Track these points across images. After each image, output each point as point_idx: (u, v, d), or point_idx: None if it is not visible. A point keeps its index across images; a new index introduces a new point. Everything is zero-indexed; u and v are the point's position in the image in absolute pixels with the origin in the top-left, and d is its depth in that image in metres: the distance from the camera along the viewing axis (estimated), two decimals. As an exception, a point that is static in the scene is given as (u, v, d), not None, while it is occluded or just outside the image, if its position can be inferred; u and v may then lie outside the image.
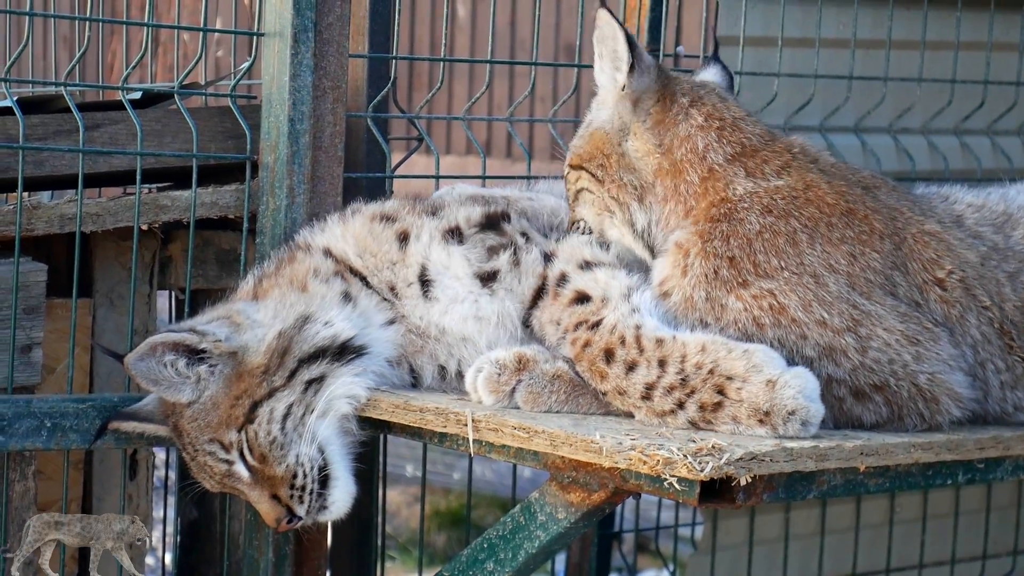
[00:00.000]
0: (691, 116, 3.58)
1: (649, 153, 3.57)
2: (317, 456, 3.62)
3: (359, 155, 4.35)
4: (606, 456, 3.22)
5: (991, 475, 3.61)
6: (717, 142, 3.55)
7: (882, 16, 4.80)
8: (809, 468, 3.26)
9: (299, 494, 3.62)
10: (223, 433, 3.61)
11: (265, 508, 3.65)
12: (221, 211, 4.09)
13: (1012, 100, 5.05)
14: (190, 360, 3.60)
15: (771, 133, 3.65)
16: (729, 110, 3.62)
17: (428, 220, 3.74)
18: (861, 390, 3.42)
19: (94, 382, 4.18)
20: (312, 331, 3.64)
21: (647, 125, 3.58)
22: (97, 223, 3.95)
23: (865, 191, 3.59)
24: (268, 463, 3.61)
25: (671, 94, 3.60)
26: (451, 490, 7.80)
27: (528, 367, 3.49)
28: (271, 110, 4.01)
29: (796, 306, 3.40)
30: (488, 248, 3.70)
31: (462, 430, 3.47)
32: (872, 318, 3.42)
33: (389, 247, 3.72)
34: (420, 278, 3.69)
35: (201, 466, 3.67)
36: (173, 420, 3.67)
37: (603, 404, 3.46)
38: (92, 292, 4.17)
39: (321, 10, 3.99)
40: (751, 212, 3.46)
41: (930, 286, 3.53)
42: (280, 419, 3.60)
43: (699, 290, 3.46)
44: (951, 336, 3.50)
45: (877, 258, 3.48)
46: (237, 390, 3.61)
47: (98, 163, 4.01)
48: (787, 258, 3.43)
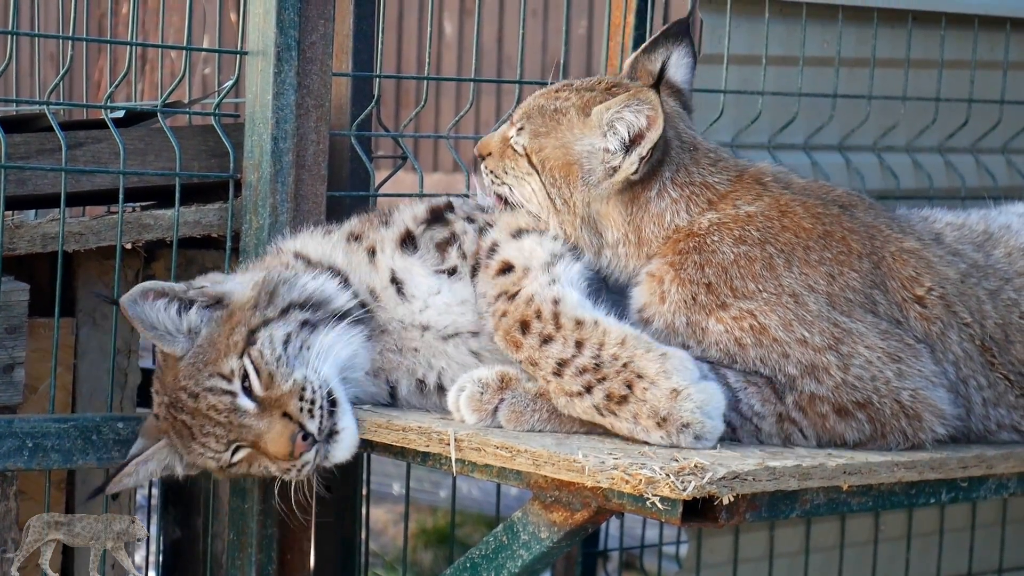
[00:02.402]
0: (666, 193, 3.56)
1: (615, 224, 3.57)
2: (323, 381, 3.57)
3: (343, 173, 4.35)
4: (588, 475, 3.21)
5: (974, 494, 3.61)
6: (686, 209, 3.56)
7: (866, 34, 4.81)
8: (792, 487, 3.25)
9: (309, 407, 3.52)
10: (223, 364, 3.54)
11: (277, 431, 3.52)
12: (204, 230, 4.08)
13: (996, 118, 5.06)
14: (180, 309, 3.58)
15: (738, 169, 3.63)
16: (698, 169, 3.59)
17: (384, 231, 3.76)
18: (844, 407, 3.42)
19: (76, 401, 4.17)
20: (300, 282, 3.66)
21: (623, 198, 3.56)
22: (80, 242, 3.94)
23: (842, 210, 3.59)
24: (275, 383, 3.53)
25: (657, 169, 3.57)
26: (437, 508, 7.79)
27: (511, 386, 3.48)
28: (254, 129, 4.01)
29: (777, 325, 3.41)
30: (437, 246, 3.71)
31: (445, 449, 3.46)
32: (853, 336, 3.42)
33: (365, 263, 3.74)
34: (392, 281, 3.71)
35: (203, 423, 3.55)
36: (168, 397, 3.57)
37: (586, 423, 3.45)
38: (75, 311, 4.17)
39: (304, 29, 3.99)
40: (723, 243, 3.47)
41: (910, 303, 3.53)
42: (281, 343, 3.56)
43: (679, 316, 3.47)
44: (932, 353, 3.51)
45: (856, 277, 3.49)
46: (232, 323, 3.58)
47: (81, 182, 4.00)
48: (764, 282, 3.44)
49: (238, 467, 3.60)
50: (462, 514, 7.46)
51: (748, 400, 3.43)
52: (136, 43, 4.11)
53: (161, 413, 3.62)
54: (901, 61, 4.90)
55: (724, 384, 3.43)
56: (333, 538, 4.31)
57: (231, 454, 3.58)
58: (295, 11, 3.96)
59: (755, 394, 3.44)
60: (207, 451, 3.58)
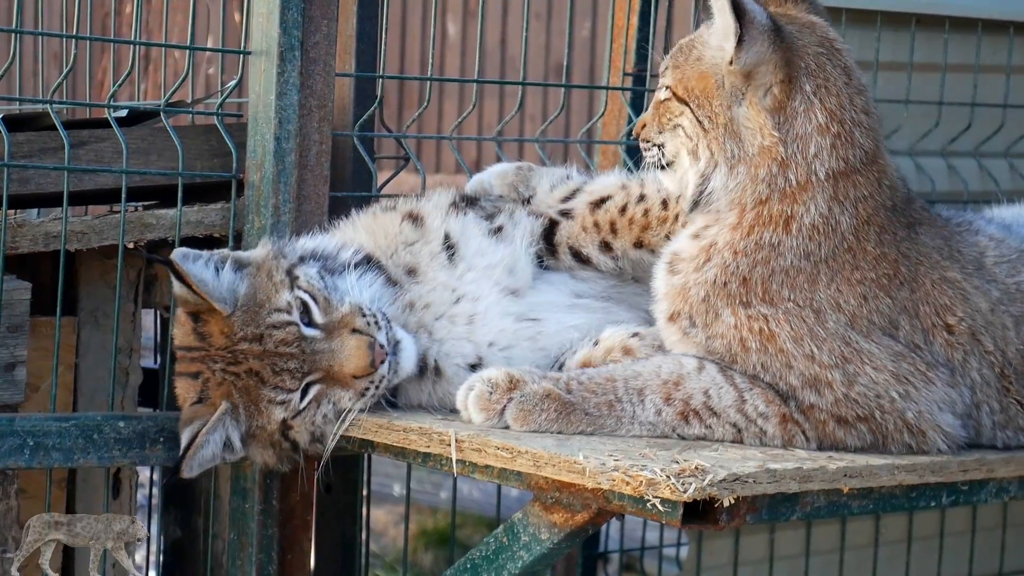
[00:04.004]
0: (812, 112, 3.42)
1: (762, 131, 3.43)
2: (370, 301, 3.67)
3: (345, 174, 4.35)
4: (589, 477, 3.21)
5: (975, 497, 3.61)
6: (828, 152, 3.43)
7: (869, 38, 4.81)
8: (792, 489, 3.26)
9: (373, 320, 3.62)
10: (277, 300, 3.62)
11: (353, 344, 3.59)
12: (207, 229, 4.08)
13: (999, 122, 5.06)
14: (216, 269, 3.65)
15: (876, 148, 3.51)
16: (852, 105, 3.46)
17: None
18: (844, 419, 3.43)
19: (78, 400, 4.17)
20: (300, 241, 3.83)
21: (765, 104, 3.43)
22: (82, 241, 3.94)
23: (908, 230, 3.54)
24: (332, 306, 3.63)
25: (793, 72, 3.42)
26: (438, 509, 7.79)
27: (519, 386, 3.49)
28: (257, 128, 4.01)
29: (786, 337, 3.41)
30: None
31: (445, 450, 3.47)
32: (863, 356, 3.42)
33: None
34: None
35: (274, 360, 3.59)
36: (223, 359, 3.62)
37: (593, 421, 3.46)
38: (77, 310, 4.17)
39: (307, 29, 3.99)
40: (794, 252, 3.42)
41: (939, 330, 3.52)
42: (318, 277, 3.67)
43: (701, 289, 3.46)
44: (951, 376, 3.51)
45: (888, 303, 3.48)
46: (265, 271, 3.67)
47: (84, 181, 4.00)
48: (799, 292, 3.42)
49: (305, 414, 3.62)
50: (463, 515, 7.46)
51: (754, 401, 3.43)
52: (140, 42, 4.12)
53: (215, 381, 3.64)
54: (904, 65, 4.90)
55: (731, 384, 3.44)
56: (333, 538, 4.31)
57: (301, 395, 3.61)
58: (298, 11, 3.96)
59: (760, 395, 3.44)
60: (279, 393, 3.61)
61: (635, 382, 3.49)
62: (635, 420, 3.47)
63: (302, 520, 4.08)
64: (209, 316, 3.64)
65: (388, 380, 3.64)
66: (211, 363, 3.64)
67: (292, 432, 3.64)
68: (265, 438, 3.65)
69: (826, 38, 3.52)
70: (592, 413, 3.47)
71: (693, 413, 3.46)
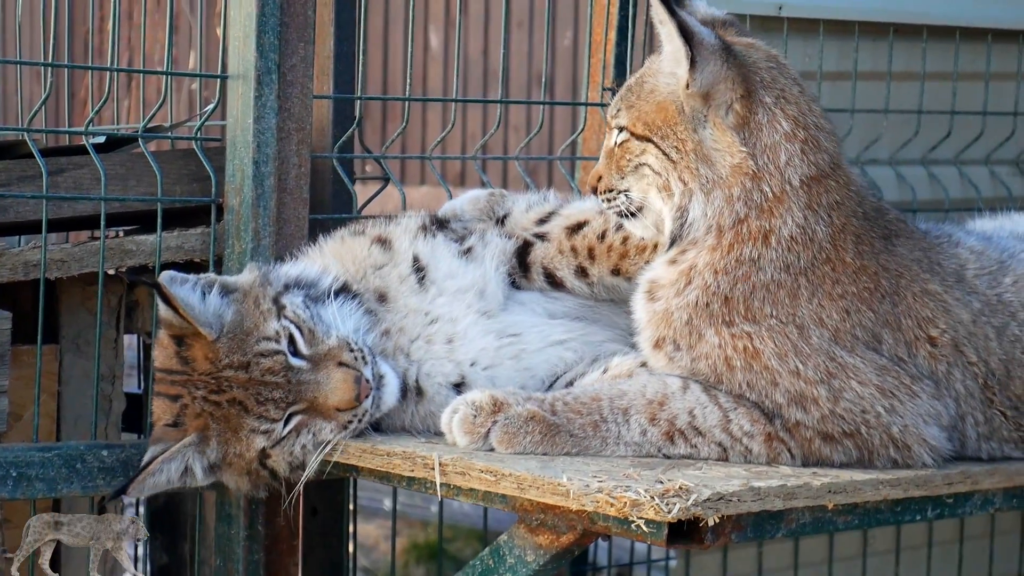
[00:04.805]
0: (777, 122, 3.44)
1: (730, 148, 3.42)
2: (355, 334, 3.68)
3: (325, 196, 4.34)
4: (573, 499, 3.21)
5: (960, 510, 3.61)
6: (800, 158, 3.44)
7: (848, 48, 4.81)
8: (777, 507, 3.26)
9: (360, 355, 3.62)
10: (265, 328, 3.61)
11: (339, 378, 3.59)
12: (187, 255, 4.07)
13: (979, 130, 5.06)
14: (203, 293, 3.65)
15: (838, 155, 3.52)
16: (812, 111, 3.48)
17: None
18: (830, 435, 3.43)
19: (61, 429, 4.16)
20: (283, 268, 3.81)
21: (728, 122, 3.44)
22: (62, 269, 3.93)
23: (885, 242, 3.54)
24: (317, 338, 3.63)
25: (751, 86, 3.44)
26: (429, 523, 7.78)
27: (503, 409, 3.48)
28: (235, 153, 4.00)
29: (771, 354, 3.40)
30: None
31: (429, 474, 3.46)
32: (848, 371, 3.42)
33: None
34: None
35: (259, 390, 3.58)
36: (207, 385, 3.59)
37: (579, 442, 3.46)
38: (59, 338, 4.16)
39: (284, 52, 3.99)
40: (773, 264, 3.42)
41: (922, 342, 3.52)
42: (303, 307, 3.66)
43: (684, 313, 3.46)
44: (936, 388, 3.50)
45: (871, 316, 3.47)
46: (252, 298, 3.66)
47: (63, 208, 3.99)
48: (781, 308, 3.42)
49: (285, 443, 3.60)
50: (454, 529, 7.45)
51: (739, 420, 3.43)
52: (117, 69, 4.10)
53: (193, 410, 3.61)
54: (883, 73, 4.91)
55: (716, 404, 3.44)
56: (320, 561, 4.31)
57: (284, 424, 3.60)
58: (275, 35, 3.96)
59: (745, 414, 3.44)
60: (263, 423, 3.59)
61: (620, 402, 3.49)
62: (620, 440, 3.47)
63: (288, 544, 4.07)
64: (194, 340, 3.63)
65: (371, 414, 3.64)
66: (192, 388, 3.62)
67: (270, 461, 3.63)
68: (242, 466, 3.64)
69: (770, 54, 3.55)
70: (577, 434, 3.47)
71: (678, 433, 3.46)
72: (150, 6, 8.60)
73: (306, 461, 3.62)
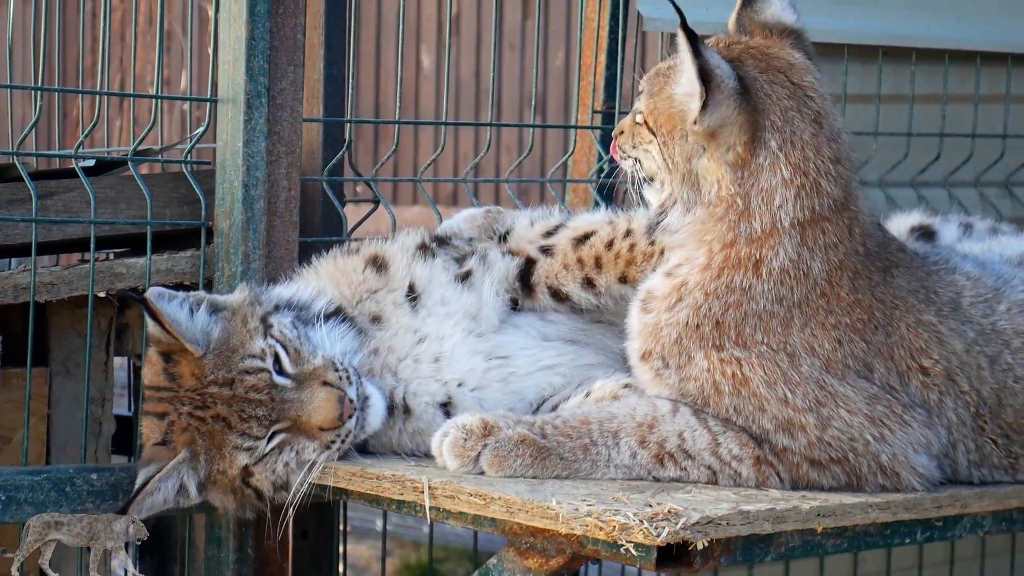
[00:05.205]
0: (778, 167, 3.40)
1: (719, 182, 3.41)
2: (340, 354, 3.68)
3: (315, 218, 4.35)
4: (562, 522, 3.21)
5: (949, 533, 3.61)
6: (792, 203, 3.41)
7: (837, 71, 4.82)
8: (766, 530, 3.25)
9: (345, 375, 3.62)
10: (251, 346, 3.61)
11: (323, 397, 3.59)
12: (177, 277, 4.07)
13: (968, 153, 5.07)
14: (191, 310, 3.65)
15: (845, 196, 3.46)
16: (819, 155, 3.42)
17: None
18: (817, 461, 3.43)
19: (51, 452, 4.15)
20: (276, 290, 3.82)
21: (727, 159, 3.41)
22: (52, 292, 3.93)
23: (884, 274, 3.52)
24: (303, 357, 3.63)
25: (757, 132, 3.40)
26: (421, 544, 7.77)
27: (493, 432, 3.48)
28: (225, 176, 4.01)
29: (760, 381, 3.40)
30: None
31: (419, 497, 3.46)
32: (837, 399, 3.41)
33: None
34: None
35: (243, 407, 3.58)
36: (192, 401, 3.60)
37: (568, 465, 3.46)
38: (48, 361, 4.15)
39: (274, 76, 4.00)
40: (766, 296, 3.40)
41: (914, 372, 3.51)
42: (290, 327, 3.67)
43: (673, 330, 3.45)
44: (928, 417, 3.50)
45: (863, 347, 3.46)
46: (240, 316, 3.67)
47: (52, 232, 4.00)
48: (772, 336, 3.41)
49: (267, 460, 3.60)
50: (446, 549, 7.45)
51: (728, 444, 3.43)
52: (107, 92, 4.12)
53: (179, 425, 3.62)
54: (872, 96, 4.92)
55: (705, 427, 3.44)
56: None
57: (267, 441, 3.60)
58: (264, 58, 3.97)
59: (734, 438, 3.44)
60: (246, 440, 3.59)
61: (610, 425, 3.48)
62: (611, 463, 3.47)
63: (278, 567, 4.07)
64: (181, 357, 3.64)
65: (354, 435, 3.64)
66: (178, 405, 3.62)
67: (253, 479, 3.63)
68: (226, 484, 3.64)
69: (798, 85, 3.47)
70: (567, 457, 3.47)
71: (668, 456, 3.46)
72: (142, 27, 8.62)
73: (289, 480, 3.62)
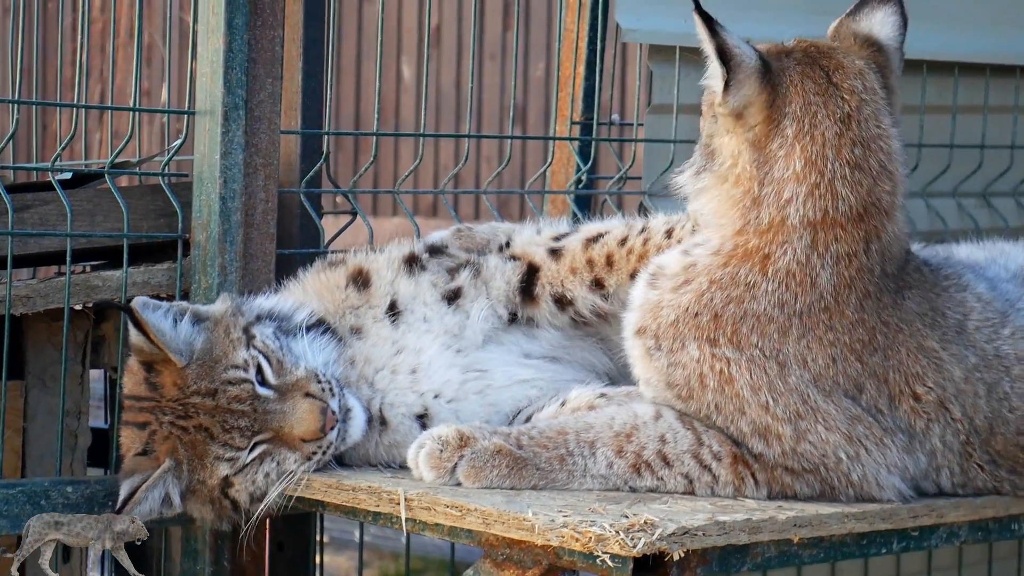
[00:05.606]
0: (791, 159, 3.38)
1: (735, 158, 3.42)
2: (323, 366, 3.69)
3: (293, 230, 4.34)
4: (538, 534, 3.21)
5: (926, 543, 3.62)
6: (803, 200, 3.38)
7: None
8: (742, 541, 3.26)
9: (328, 387, 3.63)
10: (234, 356, 3.61)
11: (305, 408, 3.59)
12: (154, 290, 4.06)
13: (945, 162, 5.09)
14: (174, 320, 3.65)
15: (864, 207, 3.41)
16: (838, 156, 3.38)
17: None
18: (792, 469, 3.44)
19: (27, 464, 4.14)
20: (257, 301, 3.82)
21: (749, 137, 3.42)
22: (28, 305, 3.92)
23: (895, 296, 3.49)
24: (286, 368, 3.63)
25: (775, 113, 3.39)
26: (400, 554, 7.77)
27: (469, 443, 3.49)
28: (202, 188, 4.01)
29: (744, 384, 3.40)
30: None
31: (395, 509, 3.46)
32: (818, 415, 3.41)
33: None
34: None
35: (225, 417, 3.57)
36: (174, 411, 3.60)
37: (545, 475, 3.46)
38: (24, 374, 4.14)
39: (252, 88, 4.00)
40: (768, 297, 3.39)
41: (905, 397, 3.49)
42: (273, 337, 3.67)
43: (673, 312, 3.45)
44: (909, 443, 3.50)
45: (857, 368, 3.45)
46: (223, 326, 3.66)
47: (29, 244, 3.99)
48: (767, 341, 3.40)
49: (247, 471, 3.60)
50: (425, 560, 7.45)
51: (710, 442, 3.44)
52: (85, 106, 4.12)
53: (161, 435, 3.61)
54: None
55: (689, 428, 3.45)
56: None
57: (249, 452, 3.60)
58: (242, 70, 3.97)
59: (715, 436, 3.45)
60: (228, 451, 3.59)
61: (586, 435, 3.49)
62: (587, 473, 3.47)
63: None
64: (163, 367, 3.63)
65: (336, 447, 3.64)
66: (160, 415, 3.62)
67: (232, 490, 3.62)
68: (205, 493, 3.64)
69: (836, 85, 3.41)
70: (544, 468, 3.47)
71: (645, 465, 3.46)
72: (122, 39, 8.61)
73: (268, 492, 3.62)
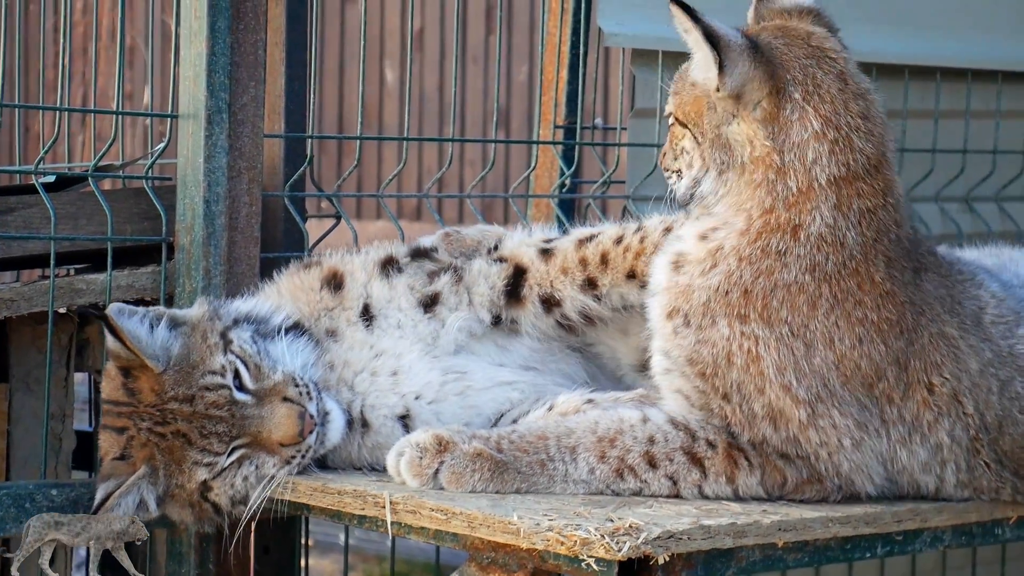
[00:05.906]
0: (806, 119, 3.40)
1: (752, 141, 3.42)
2: (301, 370, 3.69)
3: (277, 234, 4.34)
4: (524, 537, 3.21)
5: (910, 547, 3.62)
6: (827, 157, 3.40)
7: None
8: (727, 545, 3.26)
9: (305, 390, 3.63)
10: (211, 362, 3.61)
11: (283, 413, 3.59)
12: (138, 293, 4.06)
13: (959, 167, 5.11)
14: (151, 326, 3.65)
15: (879, 158, 3.46)
16: (847, 111, 3.43)
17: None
18: (788, 455, 3.44)
19: (11, 468, 4.14)
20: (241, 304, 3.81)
21: (757, 116, 3.42)
22: (11, 309, 3.92)
23: (915, 275, 3.51)
24: (263, 373, 3.63)
25: (779, 84, 3.41)
26: (385, 557, 7.75)
27: (449, 448, 3.48)
28: (186, 191, 4.00)
29: (771, 363, 3.39)
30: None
31: (380, 512, 3.46)
32: (835, 399, 3.41)
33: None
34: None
35: (203, 423, 3.58)
36: (152, 416, 3.59)
37: (526, 479, 3.46)
38: (8, 377, 4.14)
39: (235, 91, 3.99)
40: (800, 263, 3.39)
41: (920, 386, 3.50)
42: (250, 342, 3.67)
43: (703, 294, 3.44)
44: (908, 435, 3.50)
45: (882, 351, 3.45)
46: (200, 331, 3.66)
47: (12, 247, 3.99)
48: (796, 316, 3.39)
49: (226, 475, 3.60)
50: (410, 563, 7.45)
51: (704, 434, 3.45)
52: (68, 109, 4.11)
53: (139, 440, 3.61)
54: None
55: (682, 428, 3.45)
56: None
57: (227, 457, 3.59)
58: (225, 74, 3.97)
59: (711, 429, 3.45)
60: (206, 456, 3.59)
61: (567, 440, 3.48)
62: (568, 479, 3.47)
63: (240, 583, 4.06)
64: (140, 372, 3.63)
65: (315, 450, 3.64)
66: (138, 420, 3.62)
67: (211, 494, 3.62)
68: (184, 498, 3.64)
69: (818, 47, 3.48)
70: (524, 472, 3.47)
71: (628, 469, 3.46)
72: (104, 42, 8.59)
73: (248, 495, 3.62)
